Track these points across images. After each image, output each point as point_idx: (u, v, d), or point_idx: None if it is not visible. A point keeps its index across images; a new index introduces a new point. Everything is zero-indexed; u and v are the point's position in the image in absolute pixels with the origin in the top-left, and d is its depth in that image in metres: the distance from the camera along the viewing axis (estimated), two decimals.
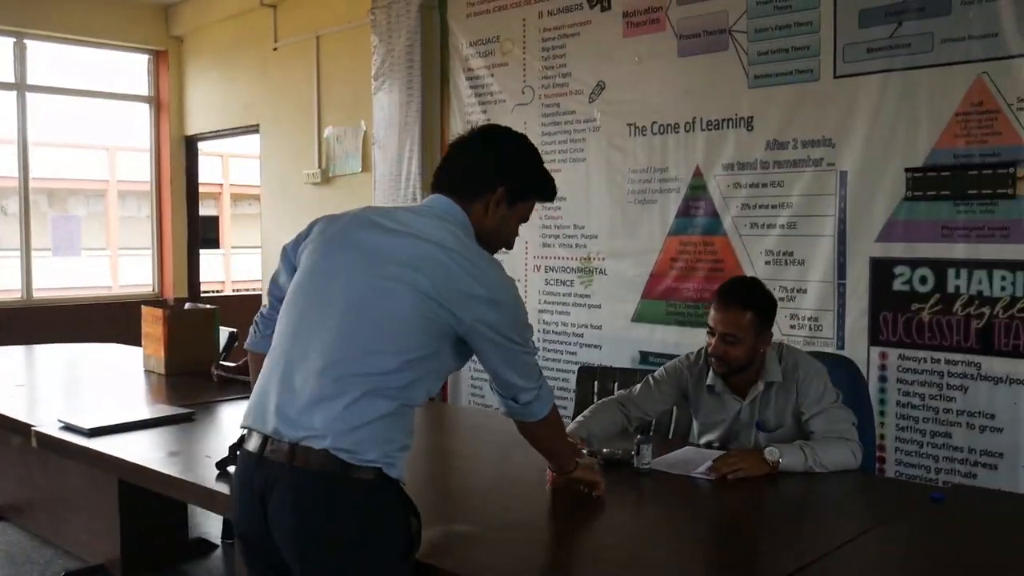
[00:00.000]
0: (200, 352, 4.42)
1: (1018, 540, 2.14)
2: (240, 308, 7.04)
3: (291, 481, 1.81)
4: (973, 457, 3.57)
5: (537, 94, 4.95)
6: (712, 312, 2.74)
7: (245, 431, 1.92)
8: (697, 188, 4.33)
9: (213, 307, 4.67)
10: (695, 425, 2.94)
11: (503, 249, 2.11)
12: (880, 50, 3.73)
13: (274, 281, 2.12)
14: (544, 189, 2.13)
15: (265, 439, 1.85)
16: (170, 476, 2.62)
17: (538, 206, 2.19)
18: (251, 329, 2.20)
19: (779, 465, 2.52)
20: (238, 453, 1.97)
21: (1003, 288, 3.48)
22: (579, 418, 2.77)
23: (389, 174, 5.64)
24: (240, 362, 4.39)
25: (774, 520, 2.36)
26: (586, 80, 4.73)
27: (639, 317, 4.60)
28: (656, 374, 2.93)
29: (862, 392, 3.04)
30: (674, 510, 2.41)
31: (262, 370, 1.95)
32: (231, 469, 2.59)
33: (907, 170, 3.68)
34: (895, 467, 3.76)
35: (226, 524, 4.43)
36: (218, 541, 4.40)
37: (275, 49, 6.64)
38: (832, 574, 1.90)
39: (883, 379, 3.79)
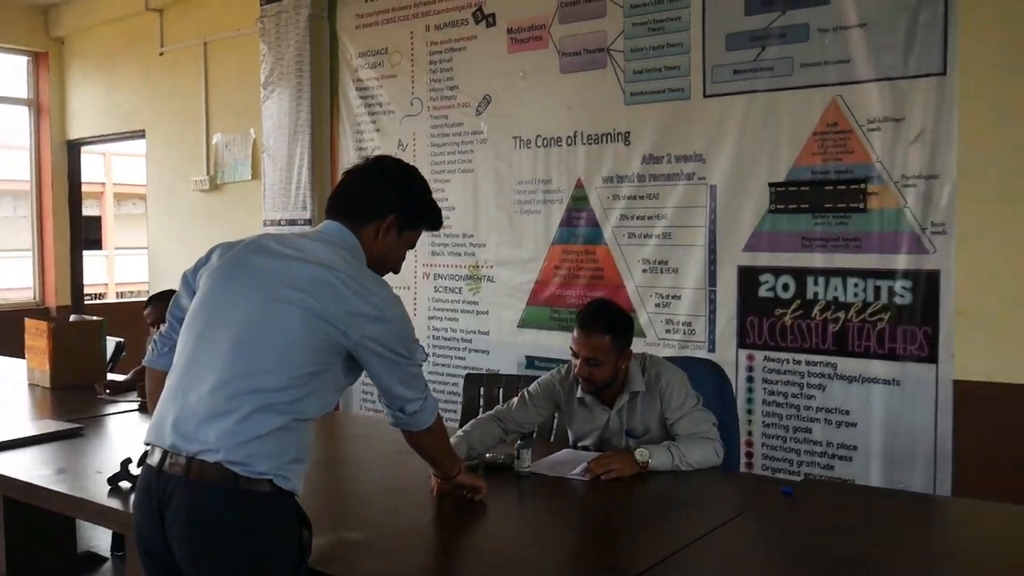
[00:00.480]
0: (87, 365, 4.39)
1: (857, 527, 2.38)
2: (126, 315, 6.94)
3: (187, 493, 1.90)
4: (831, 450, 3.87)
5: (426, 106, 5.07)
6: (575, 337, 2.92)
7: (148, 447, 2.00)
8: (579, 199, 4.53)
9: (100, 319, 4.63)
10: (570, 434, 3.12)
11: (391, 272, 2.24)
12: (745, 72, 3.98)
13: (175, 303, 2.20)
14: (431, 219, 2.27)
15: (165, 453, 1.93)
16: (62, 494, 2.64)
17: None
18: (149, 347, 2.28)
19: (649, 465, 2.72)
20: (141, 467, 2.04)
21: (856, 294, 3.78)
22: (459, 432, 2.90)
23: (279, 182, 5.67)
24: (129, 374, 4.39)
25: (643, 516, 2.55)
26: (473, 93, 4.88)
27: (525, 323, 4.78)
28: (530, 389, 3.09)
29: (727, 394, 3.27)
30: (552, 510, 2.58)
31: (164, 388, 2.03)
32: (123, 484, 2.65)
33: (771, 185, 3.95)
34: (762, 461, 4.03)
35: (115, 537, 4.42)
36: (107, 554, 4.39)
37: (161, 54, 6.58)
38: (690, 563, 2.09)
39: (750, 379, 4.05)
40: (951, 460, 3.52)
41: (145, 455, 2.02)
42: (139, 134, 6.89)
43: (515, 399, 3.06)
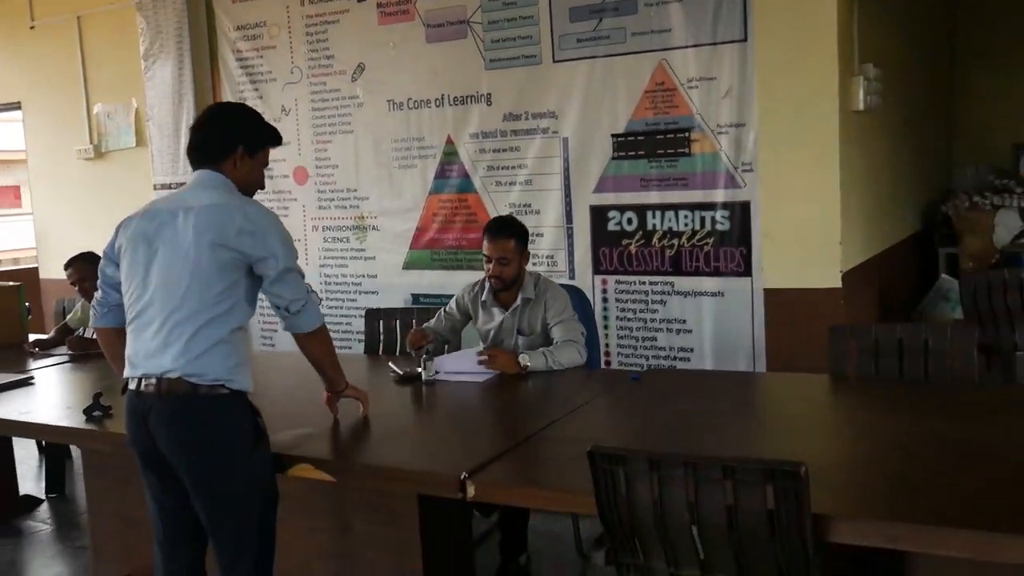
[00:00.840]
0: (9, 326, 4.79)
1: (693, 396, 3.14)
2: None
3: (161, 405, 2.48)
4: (673, 353, 4.69)
5: (305, 74, 5.57)
6: (486, 244, 3.66)
7: (128, 379, 2.56)
8: (450, 154, 5.17)
9: (18, 283, 4.99)
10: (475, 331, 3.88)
11: (258, 189, 2.72)
12: (587, 40, 4.69)
13: (103, 272, 2.72)
14: (271, 138, 2.74)
15: (139, 380, 2.51)
16: (54, 426, 3.18)
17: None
18: (91, 312, 2.82)
19: (528, 368, 3.45)
20: (124, 395, 2.59)
21: (686, 224, 4.58)
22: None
23: (166, 148, 6.06)
24: (51, 332, 4.81)
25: (524, 403, 3.27)
26: (348, 62, 5.41)
27: (408, 265, 5.42)
28: (447, 307, 3.89)
29: (588, 310, 4.01)
30: (453, 407, 3.27)
31: (127, 337, 2.58)
32: (95, 414, 3.17)
33: (613, 136, 4.69)
34: (618, 366, 4.82)
35: (48, 481, 4.87)
36: (43, 495, 4.83)
37: (32, 28, 6.75)
38: (561, 429, 2.79)
39: (605, 300, 4.83)
40: (764, 350, 4.40)
41: (125, 386, 2.58)
42: (14, 106, 7.06)
43: (438, 316, 3.86)
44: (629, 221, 4.73)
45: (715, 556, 1.98)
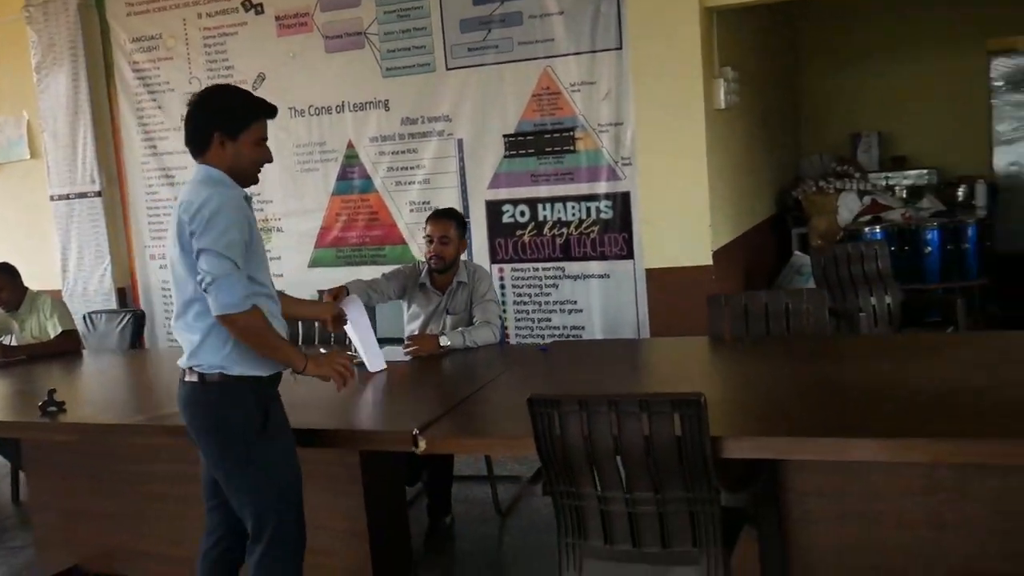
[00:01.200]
0: None
1: (592, 360, 3.63)
2: None
3: (180, 391, 2.75)
4: (567, 332, 5.19)
5: (204, 84, 5.76)
6: (429, 228, 4.06)
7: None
8: (351, 157, 5.51)
9: None
10: (406, 315, 4.21)
11: (264, 164, 2.70)
12: (477, 49, 5.12)
13: None
14: (254, 113, 2.66)
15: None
16: (10, 422, 3.39)
17: None
18: None
19: (448, 347, 3.85)
20: None
21: (573, 214, 5.08)
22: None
23: (64, 159, 6.17)
24: None
25: (452, 375, 3.68)
26: (248, 72, 5.67)
27: (314, 263, 5.73)
28: (388, 272, 4.19)
29: None
30: (388, 383, 3.63)
31: None
32: (51, 409, 3.40)
33: (504, 136, 5.14)
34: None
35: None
36: None
37: None
38: (491, 393, 3.23)
39: (503, 286, 5.28)
40: (648, 322, 4.94)
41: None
42: None
43: (380, 276, 4.14)
44: (522, 213, 5.19)
45: (635, 480, 2.43)
